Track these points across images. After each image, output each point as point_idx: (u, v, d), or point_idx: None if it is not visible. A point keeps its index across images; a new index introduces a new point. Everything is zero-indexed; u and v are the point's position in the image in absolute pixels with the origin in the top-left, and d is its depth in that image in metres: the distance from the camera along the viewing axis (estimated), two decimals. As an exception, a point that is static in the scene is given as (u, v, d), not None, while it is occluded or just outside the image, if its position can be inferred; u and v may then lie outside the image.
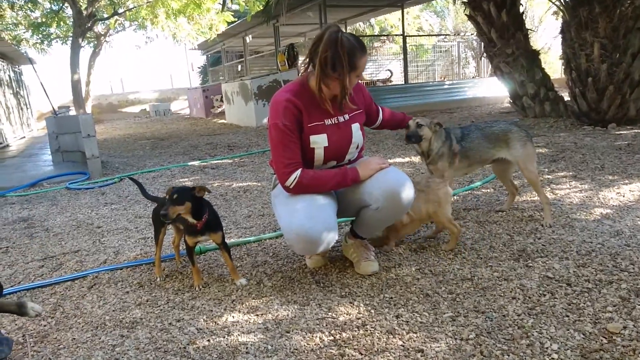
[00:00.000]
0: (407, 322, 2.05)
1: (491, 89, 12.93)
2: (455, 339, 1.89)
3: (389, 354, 1.82)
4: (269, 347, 1.95)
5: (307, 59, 2.32)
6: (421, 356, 1.79)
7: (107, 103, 23.18)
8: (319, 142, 2.37)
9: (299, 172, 2.31)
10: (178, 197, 2.36)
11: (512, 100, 8.93)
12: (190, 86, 22.24)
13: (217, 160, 6.99)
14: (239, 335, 2.06)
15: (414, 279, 2.47)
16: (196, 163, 6.82)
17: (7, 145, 11.58)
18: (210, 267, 2.87)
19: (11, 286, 2.82)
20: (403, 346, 1.87)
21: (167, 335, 2.11)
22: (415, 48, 18.36)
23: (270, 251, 3.05)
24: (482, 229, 3.13)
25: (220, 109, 16.23)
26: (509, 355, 1.75)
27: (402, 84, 13.54)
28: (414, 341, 1.90)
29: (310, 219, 2.24)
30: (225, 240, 2.61)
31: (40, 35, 17.70)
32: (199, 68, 26.58)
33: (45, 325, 2.29)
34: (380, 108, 2.84)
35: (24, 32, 18.33)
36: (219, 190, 4.92)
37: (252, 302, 2.37)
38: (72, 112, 12.69)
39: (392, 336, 1.95)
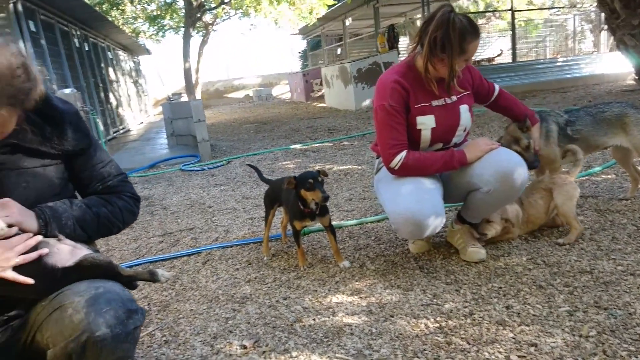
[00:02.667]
0: (519, 313, 1.95)
1: (612, 65, 11.77)
2: (574, 335, 1.77)
3: (498, 346, 1.75)
4: (373, 329, 1.96)
5: (417, 38, 2.26)
6: (535, 350, 1.70)
7: (214, 89, 24.43)
8: (426, 123, 2.32)
9: (404, 153, 2.27)
10: (322, 180, 2.46)
11: (638, 76, 8.08)
12: (291, 71, 22.77)
13: (318, 143, 7.11)
14: (343, 316, 2.10)
15: (525, 269, 2.34)
16: (298, 146, 6.99)
17: (128, 130, 12.68)
18: (314, 248, 2.94)
19: (136, 258, 3.10)
20: (514, 339, 1.79)
21: (275, 312, 2.21)
22: (524, 23, 17.20)
23: (373, 235, 3.06)
24: (602, 219, 2.88)
25: (319, 93, 16.46)
26: (636, 357, 1.61)
27: (510, 63, 12.79)
28: (526, 334, 1.81)
29: (417, 203, 2.20)
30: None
31: (155, 27, 19.05)
32: (299, 53, 27.10)
33: (166, 296, 2.50)
34: (496, 88, 2.64)
35: (142, 25, 19.82)
36: (320, 173, 5.01)
37: (355, 284, 2.40)
38: (184, 99, 13.55)
39: (502, 327, 1.87)
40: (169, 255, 3.08)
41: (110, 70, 12.69)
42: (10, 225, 1.34)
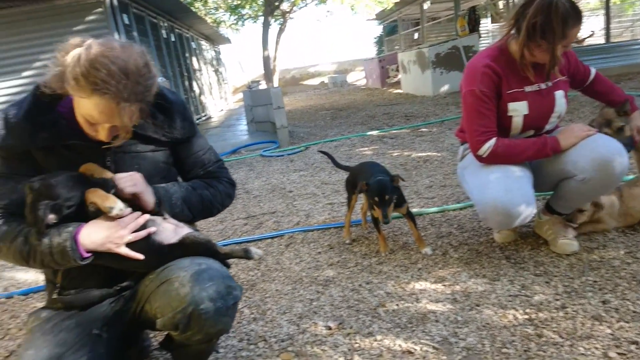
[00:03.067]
0: (617, 309, 1.85)
1: None
2: (680, 335, 1.66)
3: (595, 342, 1.68)
4: (459, 318, 1.94)
5: (512, 21, 2.16)
6: (636, 348, 1.61)
7: (290, 76, 24.81)
8: (518, 110, 2.23)
9: (493, 140, 2.20)
10: (390, 198, 2.44)
11: None
12: (366, 57, 22.60)
13: (395, 130, 7.03)
14: (427, 303, 2.09)
15: (623, 263, 2.21)
16: (374, 133, 6.96)
17: (210, 118, 13.20)
18: (395, 235, 2.94)
19: (223, 239, 3.26)
20: (612, 335, 1.70)
21: (357, 296, 2.24)
22: (619, 1, 15.92)
23: (455, 223, 3.00)
24: None
25: (395, 79, 16.22)
26: None
27: (603, 44, 11.90)
28: (626, 331, 1.71)
29: (507, 192, 2.13)
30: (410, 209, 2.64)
31: (235, 16, 19.59)
32: (374, 38, 26.79)
33: (253, 276, 2.61)
34: (592, 71, 2.48)
35: (223, 15, 20.45)
36: (399, 160, 4.97)
37: (439, 272, 2.37)
38: (262, 86, 13.86)
39: (598, 323, 1.78)
40: (254, 237, 3.20)
41: (194, 59, 13.23)
42: (128, 201, 1.46)
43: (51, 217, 1.36)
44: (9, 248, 1.46)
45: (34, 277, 3.06)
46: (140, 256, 1.46)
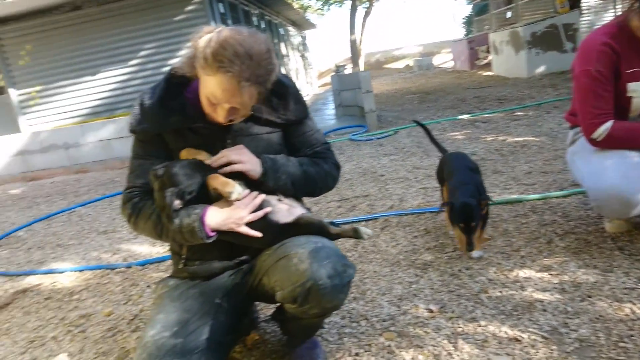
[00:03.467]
0: None
1: None
2: None
3: None
4: (569, 308, 1.87)
5: None
6: None
7: (374, 60, 24.60)
8: (639, 90, 2.08)
9: (609, 123, 2.08)
10: (476, 225, 2.30)
11: None
12: (454, 38, 21.83)
13: (488, 114, 6.78)
14: (533, 291, 2.04)
15: None
16: (465, 117, 6.75)
17: (296, 102, 13.44)
18: (494, 222, 2.86)
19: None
20: None
21: (458, 281, 2.23)
22: None
23: (559, 210, 2.87)
24: None
25: (485, 61, 15.55)
26: None
27: None
28: None
29: (624, 179, 2.01)
30: (507, 195, 2.55)
31: (321, 1, 19.68)
32: (463, 19, 25.79)
33: (350, 257, 2.67)
34: None
35: (309, 0, 20.63)
36: (493, 145, 4.80)
37: (544, 260, 2.29)
38: (347, 70, 13.87)
39: None
40: (348, 219, 3.26)
41: (282, 45, 13.50)
42: (238, 177, 1.56)
43: (177, 203, 1.49)
44: (145, 224, 1.62)
45: (148, 249, 3.34)
46: (258, 234, 1.55)
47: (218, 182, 1.53)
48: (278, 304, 1.92)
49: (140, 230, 1.67)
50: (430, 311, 2.01)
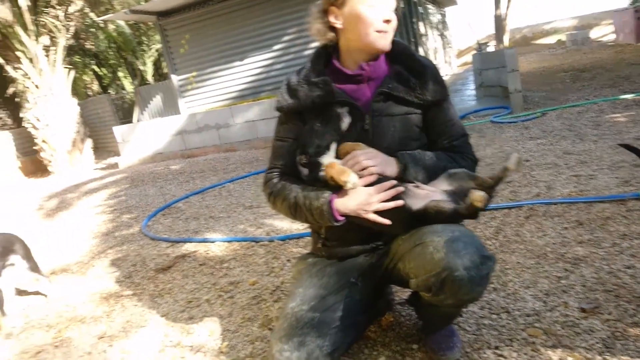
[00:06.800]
0: None
1: None
2: None
3: None
4: None
5: None
6: None
7: (520, 36, 22.84)
8: None
9: None
10: None
11: None
12: (617, 8, 19.34)
13: (658, 93, 5.94)
14: None
15: None
16: (629, 96, 5.99)
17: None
18: (663, 215, 2.53)
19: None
20: None
21: (616, 280, 2.01)
22: None
23: None
24: None
25: (656, 32, 13.55)
26: None
27: None
28: None
29: None
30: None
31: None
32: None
33: (490, 246, 2.55)
34: None
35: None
36: (665, 129, 4.20)
37: None
38: (490, 48, 13.09)
39: None
40: (489, 206, 3.10)
41: (420, 24, 13.14)
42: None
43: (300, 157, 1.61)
44: (282, 203, 1.70)
45: (288, 225, 3.54)
46: (387, 222, 1.54)
47: (335, 170, 1.54)
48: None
49: (277, 209, 1.76)
50: (583, 310, 1.84)
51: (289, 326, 1.58)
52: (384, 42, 1.61)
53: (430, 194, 1.61)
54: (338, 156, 1.61)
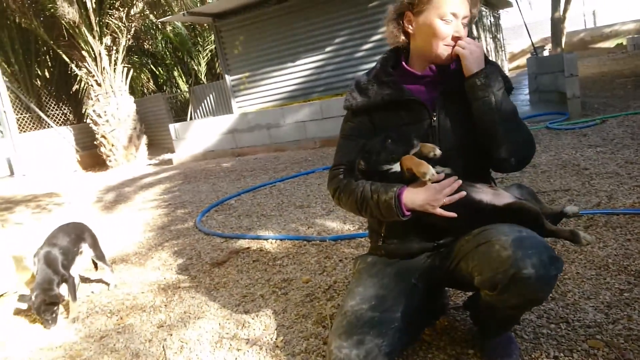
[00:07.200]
0: None
1: None
2: None
3: None
4: None
5: None
6: None
7: (578, 39, 22.01)
8: None
9: None
10: None
11: None
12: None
13: None
14: None
15: None
16: (698, 105, 5.69)
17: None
18: None
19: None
20: None
21: (684, 295, 1.94)
22: None
23: None
24: None
25: None
26: None
27: None
28: None
29: None
30: None
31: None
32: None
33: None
34: None
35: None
36: None
37: None
38: (546, 52, 12.71)
39: None
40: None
41: (473, 26, 12.91)
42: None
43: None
44: (348, 198, 1.74)
45: (340, 226, 3.58)
46: (453, 214, 1.55)
47: (413, 162, 1.59)
48: (470, 293, 1.91)
49: (343, 205, 1.80)
50: (647, 325, 1.79)
51: (348, 324, 1.62)
52: (450, 55, 1.65)
53: (499, 194, 1.62)
54: (402, 169, 1.65)
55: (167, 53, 15.08)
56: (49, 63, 12.60)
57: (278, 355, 2.05)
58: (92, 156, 11.44)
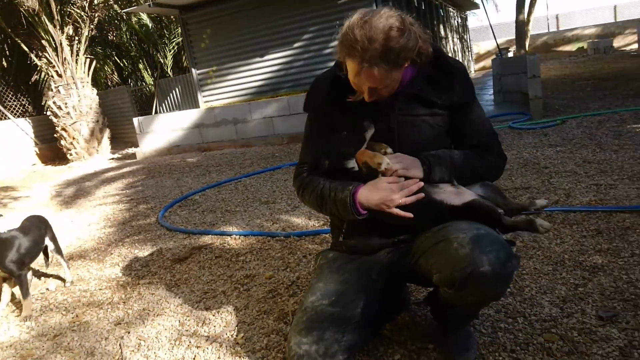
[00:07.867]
0: None
1: None
2: None
3: None
4: None
5: None
6: None
7: (541, 42, 22.58)
8: None
9: None
10: None
11: None
12: (641, 17, 19.07)
13: (681, 105, 5.86)
14: None
15: None
16: (652, 107, 5.92)
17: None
18: (684, 228, 2.51)
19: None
20: None
21: (634, 290, 2.00)
22: None
23: None
24: None
25: (681, 43, 13.35)
26: None
27: None
28: None
29: None
30: None
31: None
32: (655, -6, 22.36)
33: (508, 250, 2.54)
34: None
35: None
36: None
37: None
38: (510, 54, 13.00)
39: None
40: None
41: (441, 27, 13.10)
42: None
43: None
44: (310, 195, 1.74)
45: (304, 222, 3.56)
46: (410, 215, 1.55)
47: (367, 155, 1.59)
48: (431, 289, 1.92)
49: (306, 202, 1.80)
50: (600, 319, 1.84)
51: (309, 320, 1.60)
52: (374, 99, 1.60)
53: (461, 193, 1.63)
54: (358, 165, 1.64)
55: (132, 45, 14.73)
56: (7, 52, 12.13)
57: (238, 352, 2.02)
58: (52, 149, 11.08)
